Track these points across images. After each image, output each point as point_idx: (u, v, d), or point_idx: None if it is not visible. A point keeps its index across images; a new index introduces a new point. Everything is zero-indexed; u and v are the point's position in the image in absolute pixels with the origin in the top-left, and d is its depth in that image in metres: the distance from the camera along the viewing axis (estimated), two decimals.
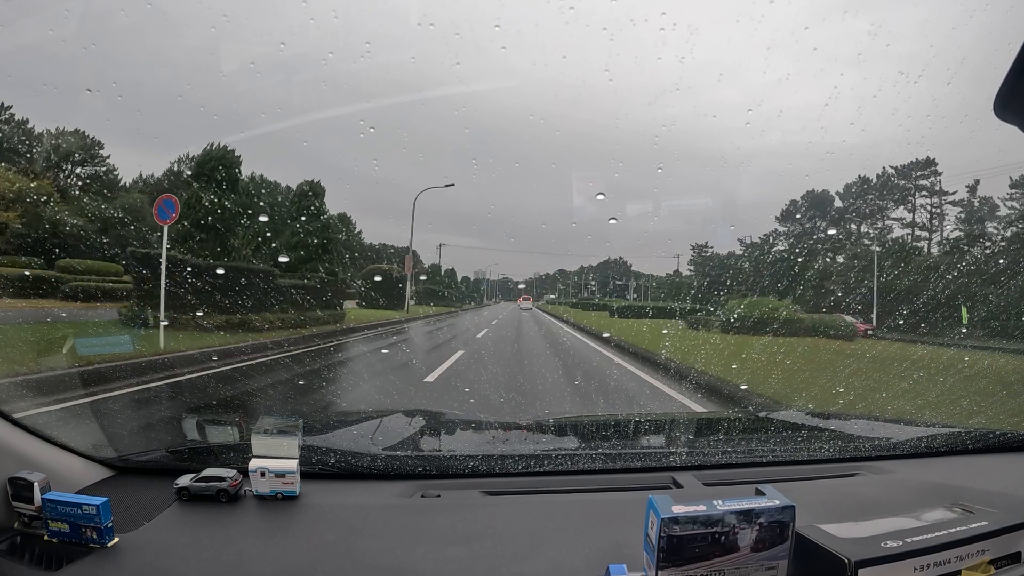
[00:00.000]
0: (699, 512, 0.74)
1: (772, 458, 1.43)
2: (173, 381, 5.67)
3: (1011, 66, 0.74)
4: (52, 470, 1.03)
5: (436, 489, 1.20)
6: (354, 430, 1.81)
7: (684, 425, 2.07)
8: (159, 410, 4.50)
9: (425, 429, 1.81)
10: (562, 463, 1.33)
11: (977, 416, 4.90)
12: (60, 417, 3.61)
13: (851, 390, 6.33)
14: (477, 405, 5.24)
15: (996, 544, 0.86)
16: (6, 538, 0.95)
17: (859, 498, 1.20)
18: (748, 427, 2.00)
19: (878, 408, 5.44)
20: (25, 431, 1.09)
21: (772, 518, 0.76)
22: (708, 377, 6.74)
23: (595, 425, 1.99)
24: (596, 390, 6.49)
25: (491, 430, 1.86)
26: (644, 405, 5.66)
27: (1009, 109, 0.77)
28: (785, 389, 6.09)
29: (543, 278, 62.17)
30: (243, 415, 3.79)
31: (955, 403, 5.62)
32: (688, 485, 1.24)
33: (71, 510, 0.91)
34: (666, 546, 0.73)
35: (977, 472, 1.40)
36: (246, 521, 1.04)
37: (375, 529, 1.01)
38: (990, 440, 1.56)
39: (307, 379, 6.48)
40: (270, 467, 1.09)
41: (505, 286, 64.47)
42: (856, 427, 1.89)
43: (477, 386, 6.12)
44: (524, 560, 0.92)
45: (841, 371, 8.19)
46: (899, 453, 1.50)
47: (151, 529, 0.99)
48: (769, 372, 7.60)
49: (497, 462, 1.32)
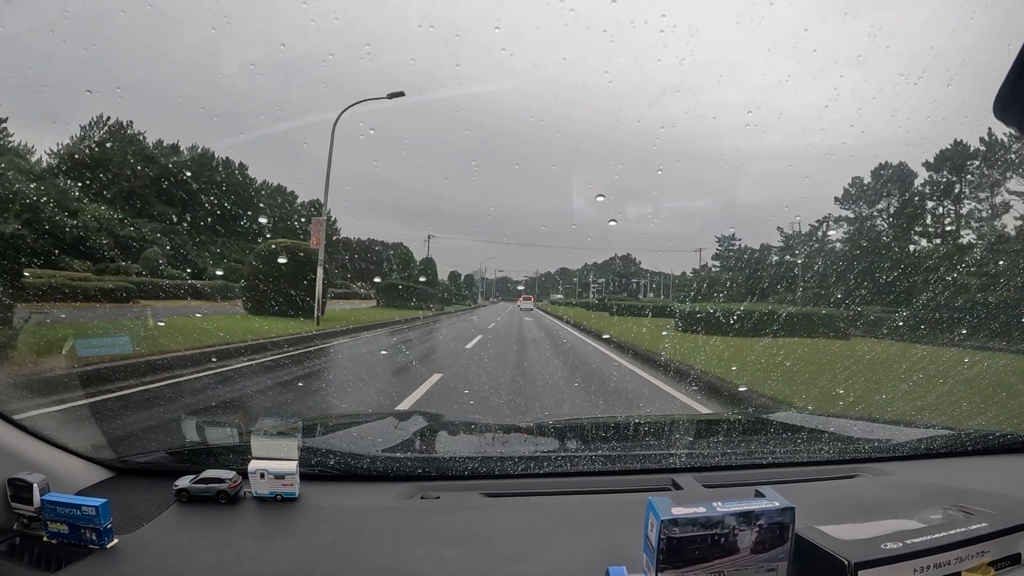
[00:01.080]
0: (699, 514, 0.74)
1: (771, 460, 1.43)
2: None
3: (1011, 67, 0.74)
4: (51, 471, 1.03)
5: (435, 491, 1.20)
6: (353, 432, 1.81)
7: (683, 427, 2.07)
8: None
9: (424, 431, 1.81)
10: (562, 465, 1.33)
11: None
12: (59, 418, 3.60)
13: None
14: (477, 407, 5.23)
15: (996, 546, 0.85)
16: (5, 539, 0.95)
17: (859, 499, 1.19)
18: (747, 429, 2.00)
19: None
20: (25, 432, 1.09)
21: (772, 520, 0.76)
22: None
23: (594, 427, 1.99)
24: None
25: (490, 432, 1.86)
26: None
27: (1009, 111, 0.77)
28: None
29: (544, 277, 59.53)
30: (242, 416, 3.77)
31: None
32: (688, 487, 1.24)
33: (70, 511, 0.91)
34: (666, 548, 0.73)
35: (977, 473, 1.40)
36: (245, 522, 1.03)
37: (375, 531, 1.01)
38: (990, 441, 1.56)
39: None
40: (269, 468, 1.09)
41: (504, 285, 63.11)
42: (855, 429, 1.89)
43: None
44: (524, 562, 0.92)
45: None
46: (899, 455, 1.50)
47: (150, 530, 0.99)
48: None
49: (497, 464, 1.32)
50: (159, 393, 5.17)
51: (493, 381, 6.67)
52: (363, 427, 1.89)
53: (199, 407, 4.73)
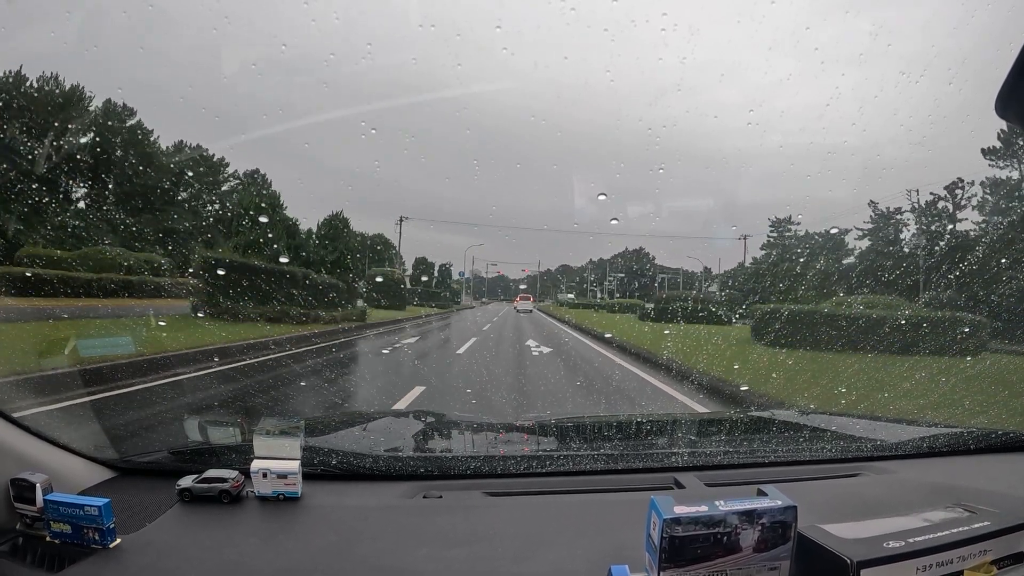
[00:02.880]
0: (701, 513, 0.74)
1: (774, 458, 1.43)
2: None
3: (1012, 66, 0.74)
4: (54, 471, 1.03)
5: (438, 490, 1.20)
6: (356, 431, 1.82)
7: (686, 426, 2.06)
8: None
9: (427, 430, 1.82)
10: (564, 464, 1.33)
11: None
12: (62, 418, 3.59)
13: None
14: (479, 406, 5.23)
15: (999, 544, 0.85)
16: (8, 539, 0.95)
17: (861, 498, 1.19)
18: (750, 427, 2.00)
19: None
20: (27, 432, 1.09)
21: (774, 518, 0.76)
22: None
23: (597, 426, 1.99)
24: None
25: (493, 431, 1.86)
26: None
27: (1010, 108, 0.77)
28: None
29: (545, 275, 54.60)
30: (245, 416, 3.77)
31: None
32: (690, 486, 1.24)
33: (73, 511, 0.91)
34: (668, 547, 0.73)
35: (980, 472, 1.40)
36: (248, 522, 1.04)
37: (377, 530, 1.01)
38: (992, 440, 1.56)
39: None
40: (272, 468, 1.09)
41: (503, 283, 61.38)
42: (858, 427, 1.89)
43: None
44: (526, 561, 0.92)
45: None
46: (901, 453, 1.50)
47: (153, 530, 0.99)
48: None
49: (499, 463, 1.32)
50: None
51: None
52: (365, 426, 1.89)
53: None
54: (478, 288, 52.24)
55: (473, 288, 48.87)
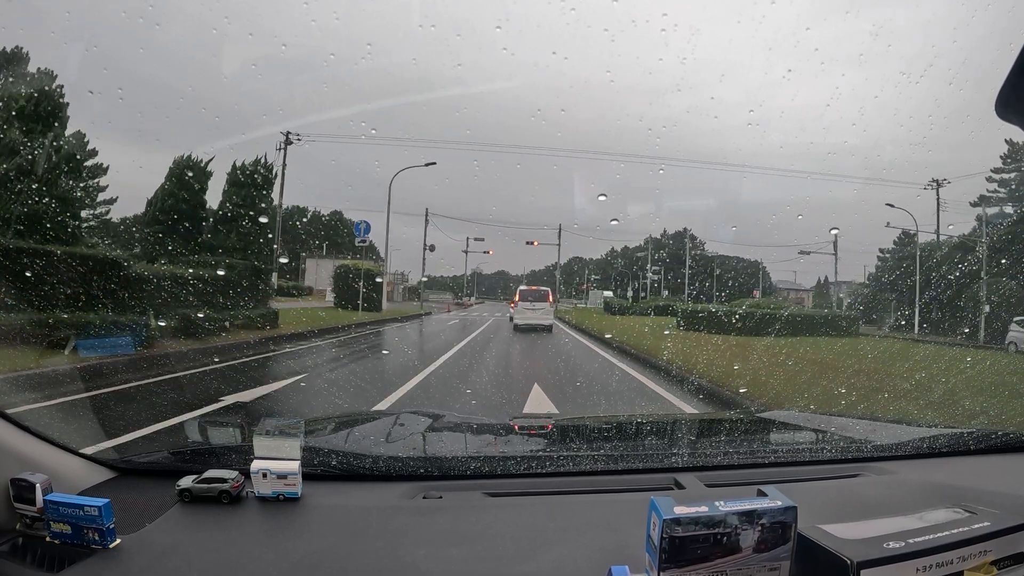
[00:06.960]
0: (701, 513, 0.74)
1: (774, 459, 1.43)
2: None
3: (1012, 66, 0.74)
4: (54, 471, 1.03)
5: (438, 490, 1.20)
6: (356, 431, 1.82)
7: (686, 426, 2.06)
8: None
9: (427, 430, 1.81)
10: (564, 464, 1.33)
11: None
12: (62, 417, 3.58)
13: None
14: (479, 407, 5.24)
15: (999, 545, 0.85)
16: (8, 539, 0.95)
17: (861, 499, 1.19)
18: (750, 428, 2.00)
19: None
20: (27, 432, 1.09)
21: (774, 519, 0.76)
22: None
23: (597, 426, 1.99)
24: None
25: (493, 431, 1.86)
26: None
27: (1011, 109, 0.77)
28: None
29: (550, 269, 46.93)
30: (245, 417, 3.77)
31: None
32: (690, 486, 1.24)
33: (73, 511, 0.91)
34: (668, 547, 0.73)
35: (980, 473, 1.40)
36: (248, 522, 1.04)
37: (377, 530, 1.01)
38: (992, 441, 1.56)
39: None
40: (272, 468, 1.09)
41: (501, 281, 58.57)
42: (858, 428, 1.89)
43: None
44: (526, 561, 0.92)
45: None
46: (901, 454, 1.50)
47: (153, 530, 0.99)
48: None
49: (499, 463, 1.32)
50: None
51: None
52: (365, 427, 1.89)
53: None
54: (479, 287, 49.14)
55: (471, 286, 43.83)
